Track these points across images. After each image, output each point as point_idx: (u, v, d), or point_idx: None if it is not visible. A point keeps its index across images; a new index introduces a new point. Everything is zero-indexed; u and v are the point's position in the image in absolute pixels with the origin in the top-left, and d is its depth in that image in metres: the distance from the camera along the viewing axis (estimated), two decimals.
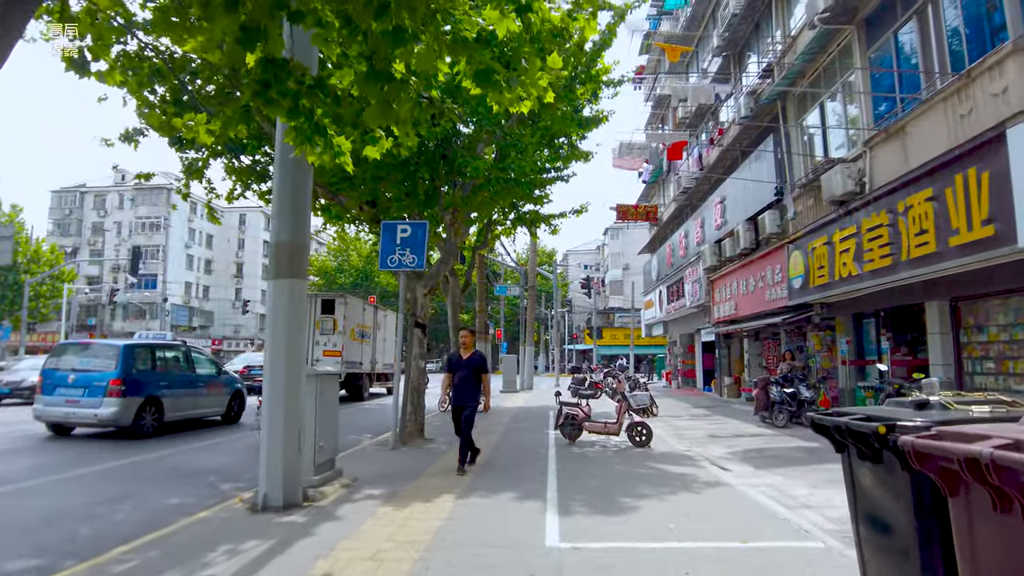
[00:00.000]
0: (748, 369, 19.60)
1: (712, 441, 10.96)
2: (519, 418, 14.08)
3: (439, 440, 10.15)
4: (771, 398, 13.21)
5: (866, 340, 13.53)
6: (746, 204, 16.58)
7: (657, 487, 6.53)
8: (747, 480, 7.35)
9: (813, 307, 14.13)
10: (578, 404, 9.61)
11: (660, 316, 29.60)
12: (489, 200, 11.13)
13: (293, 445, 5.59)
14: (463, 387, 7.35)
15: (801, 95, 14.09)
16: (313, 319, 18.62)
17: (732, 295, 18.34)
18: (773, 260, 15.00)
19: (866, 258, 10.59)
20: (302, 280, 5.78)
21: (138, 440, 10.12)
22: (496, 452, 9.02)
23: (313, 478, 6.13)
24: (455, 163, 10.01)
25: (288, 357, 5.62)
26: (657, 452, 8.93)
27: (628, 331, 46.72)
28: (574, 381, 22.40)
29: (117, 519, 5.61)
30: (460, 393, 7.38)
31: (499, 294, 30.58)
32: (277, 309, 5.70)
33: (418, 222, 9.81)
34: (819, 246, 12.34)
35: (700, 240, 21.21)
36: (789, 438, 11.19)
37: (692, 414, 16.15)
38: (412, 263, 9.55)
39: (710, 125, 21.51)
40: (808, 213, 13.64)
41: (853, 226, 11.04)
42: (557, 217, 18.11)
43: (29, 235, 45.21)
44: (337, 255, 56.98)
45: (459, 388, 7.38)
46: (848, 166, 11.27)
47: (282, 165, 5.84)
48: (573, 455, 8.64)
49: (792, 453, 9.58)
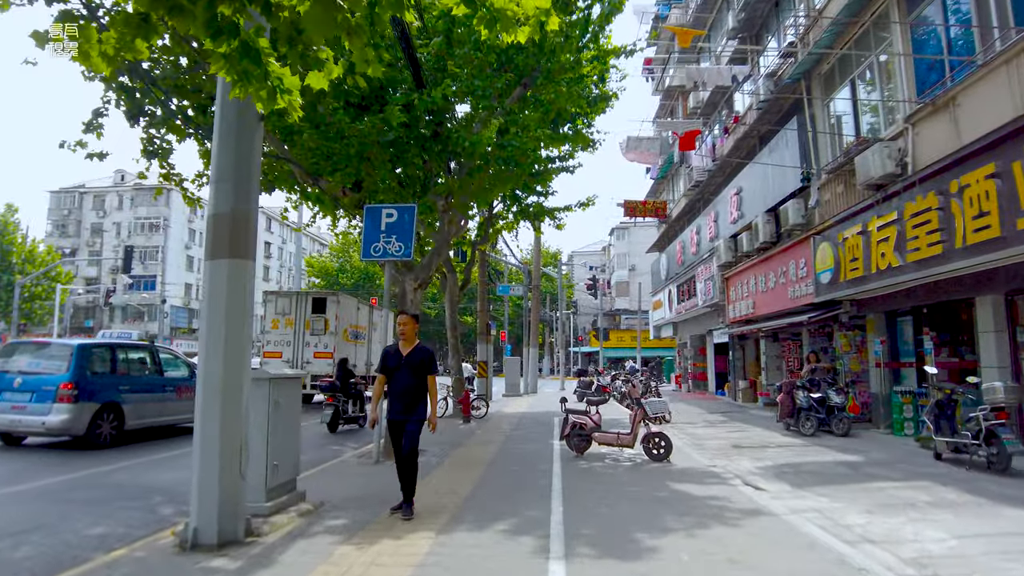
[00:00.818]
0: (766, 372, 18.39)
1: (737, 453, 9.78)
2: (521, 425, 12.94)
3: (430, 452, 9.02)
4: (797, 404, 12.03)
5: (901, 340, 12.33)
6: (765, 194, 15.40)
7: (684, 517, 5.37)
8: (787, 503, 6.18)
9: (842, 304, 12.94)
10: (586, 412, 8.46)
11: (669, 317, 28.39)
12: (488, 186, 10.02)
13: (232, 466, 4.47)
14: (402, 393, 5.37)
15: (828, 73, 12.92)
16: (303, 319, 17.58)
17: (749, 293, 17.15)
18: (797, 254, 13.82)
19: (910, 247, 9.41)
20: (246, 260, 4.66)
21: (93, 451, 9.03)
22: (493, 467, 7.88)
23: (263, 505, 5.01)
24: (449, 141, 8.89)
25: (227, 356, 4.50)
26: (678, 468, 7.76)
27: (635, 333, 45.51)
28: (580, 385, 21.24)
29: (16, 557, 4.49)
30: (397, 402, 5.39)
31: (502, 294, 29.46)
32: (214, 296, 4.58)
33: (405, 205, 8.71)
34: (852, 236, 11.16)
35: (713, 235, 20.03)
36: (822, 449, 10.00)
37: (707, 420, 14.96)
38: (399, 252, 8.45)
39: (723, 114, 20.34)
40: (837, 201, 12.45)
41: (893, 212, 9.87)
42: (562, 211, 17.02)
43: (25, 235, 44.44)
44: (339, 256, 55.95)
45: (396, 394, 5.40)
46: (887, 145, 10.10)
47: (222, 117, 4.73)
48: (580, 471, 7.48)
49: (831, 468, 8.40)
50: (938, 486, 7.18)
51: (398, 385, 5.39)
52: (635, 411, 8.11)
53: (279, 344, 17.52)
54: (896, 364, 12.25)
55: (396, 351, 5.47)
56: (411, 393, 5.37)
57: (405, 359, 5.39)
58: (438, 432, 11.50)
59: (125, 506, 5.99)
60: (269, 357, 17.46)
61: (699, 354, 26.98)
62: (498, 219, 17.62)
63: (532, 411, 17.05)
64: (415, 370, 5.39)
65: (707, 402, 21.19)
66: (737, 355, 21.54)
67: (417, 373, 5.39)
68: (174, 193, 60.12)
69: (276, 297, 18.17)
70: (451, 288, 16.10)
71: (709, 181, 21.48)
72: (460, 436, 11.12)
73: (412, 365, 5.39)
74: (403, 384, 5.38)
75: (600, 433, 8.23)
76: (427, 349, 5.56)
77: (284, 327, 17.60)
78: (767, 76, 15.20)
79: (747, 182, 16.85)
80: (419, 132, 8.99)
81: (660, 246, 31.27)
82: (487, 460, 8.27)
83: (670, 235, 28.87)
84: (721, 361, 24.26)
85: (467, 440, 10.57)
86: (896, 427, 11.46)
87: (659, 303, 30.87)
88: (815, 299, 12.85)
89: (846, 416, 11.62)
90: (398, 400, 5.37)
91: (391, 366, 5.44)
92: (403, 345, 5.48)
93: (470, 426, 12.82)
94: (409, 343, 5.50)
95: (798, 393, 12.09)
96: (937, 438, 8.73)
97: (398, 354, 5.45)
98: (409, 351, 5.44)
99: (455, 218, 10.68)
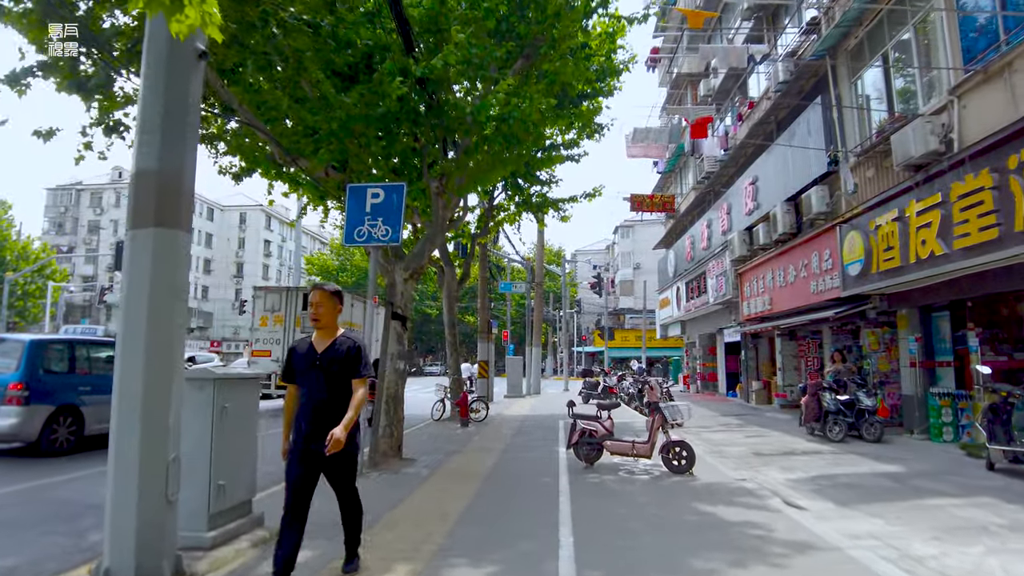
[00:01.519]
0: (782, 373, 17.39)
1: (761, 461, 8.81)
2: (523, 430, 11.97)
3: (420, 462, 8.07)
4: (823, 407, 11.05)
5: (936, 337, 11.33)
6: (785, 182, 14.40)
7: (721, 551, 4.39)
8: (836, 526, 5.21)
9: (870, 299, 11.95)
10: (597, 418, 7.48)
11: (677, 315, 27.38)
12: (487, 167, 9.07)
13: (155, 489, 3.52)
14: (316, 410, 3.58)
15: (856, 48, 11.92)
16: (294, 316, 16.65)
17: (765, 288, 16.15)
18: (820, 245, 12.82)
19: (957, 232, 8.43)
20: (176, 231, 3.72)
21: (47, 460, 8.11)
22: (490, 482, 6.91)
23: (204, 536, 4.06)
24: (445, 113, 7.93)
25: (150, 352, 3.56)
26: (702, 483, 6.77)
27: (640, 332, 44.49)
28: (585, 385, 20.28)
29: None
30: (308, 423, 3.57)
31: (504, 291, 28.46)
32: (134, 275, 3.64)
33: (393, 184, 7.76)
34: (886, 223, 10.18)
35: (726, 228, 19.03)
36: (856, 457, 9.02)
37: (722, 423, 13.98)
38: (385, 236, 7.51)
39: (736, 101, 19.34)
40: (867, 186, 11.46)
41: (937, 194, 8.89)
42: (567, 202, 16.08)
43: (19, 232, 43.68)
44: (338, 254, 55.04)
45: (307, 412, 3.59)
46: (928, 121, 9.11)
47: (149, 52, 3.79)
48: (591, 488, 6.50)
49: (872, 481, 7.42)
50: (1004, 504, 6.21)
51: (310, 397, 3.60)
52: (653, 416, 7.13)
53: (268, 342, 16.61)
54: (931, 363, 11.25)
55: (308, 347, 3.71)
56: (331, 410, 3.56)
57: (321, 357, 3.64)
58: (432, 437, 10.54)
59: (52, 530, 5.06)
60: (258, 356, 16.56)
61: (708, 354, 25.97)
62: (499, 211, 16.68)
63: (535, 413, 16.08)
64: (336, 373, 3.62)
65: (718, 404, 20.20)
66: (750, 354, 20.53)
67: (339, 378, 3.62)
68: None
69: (265, 293, 17.25)
70: (449, 283, 15.15)
71: (721, 172, 20.48)
72: (456, 442, 10.17)
73: (330, 366, 3.62)
74: (317, 395, 3.58)
75: (613, 441, 7.26)
76: (354, 340, 3.75)
77: (273, 324, 16.69)
78: (786, 56, 14.20)
79: (764, 170, 15.85)
80: (411, 105, 8.04)
81: (667, 242, 30.27)
82: (484, 473, 7.30)
83: (678, 230, 27.88)
84: (732, 361, 23.25)
85: (463, 447, 9.62)
86: (933, 432, 10.48)
87: (666, 301, 29.87)
88: (842, 293, 11.86)
89: (877, 420, 10.64)
90: (309, 420, 3.55)
91: (300, 368, 3.68)
92: (319, 337, 3.74)
93: (468, 430, 11.87)
94: (327, 333, 3.73)
95: (824, 395, 11.11)
96: (992, 446, 7.75)
97: (311, 351, 3.68)
98: (327, 345, 3.69)
99: (451, 201, 9.72)
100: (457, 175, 9.12)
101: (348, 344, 3.71)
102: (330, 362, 3.63)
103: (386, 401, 8.09)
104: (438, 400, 14.12)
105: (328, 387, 3.61)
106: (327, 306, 3.74)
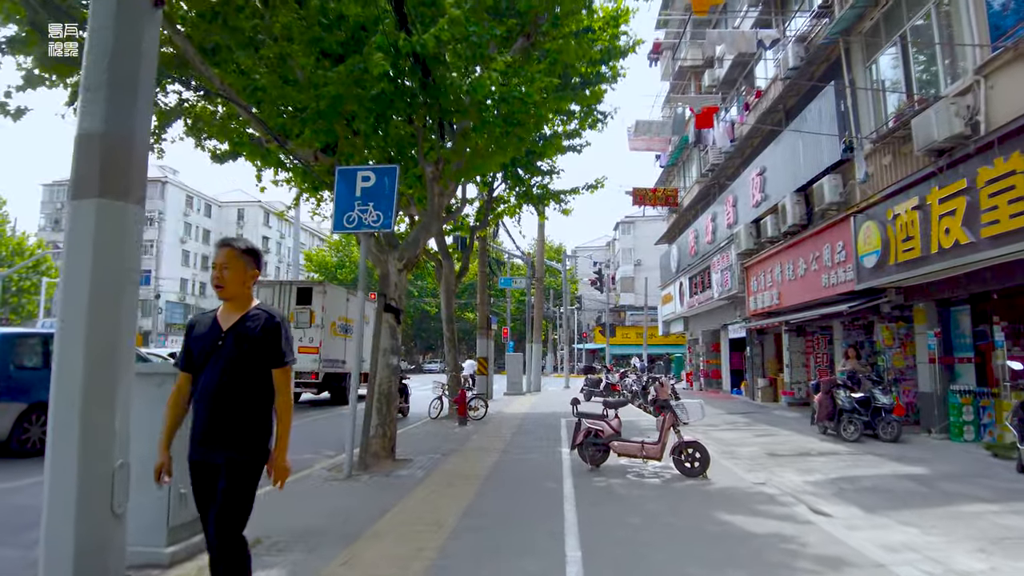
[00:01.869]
0: (790, 369, 16.89)
1: (776, 463, 8.33)
2: (523, 429, 11.48)
3: (415, 464, 7.59)
4: (838, 405, 10.56)
5: (955, 332, 10.84)
6: (795, 172, 13.89)
7: (748, 568, 3.90)
8: (868, 536, 4.74)
9: (885, 292, 11.46)
10: (603, 417, 6.99)
11: (680, 311, 26.88)
12: (485, 151, 8.57)
13: (99, 500, 3.03)
14: (213, 402, 2.71)
15: (871, 30, 11.40)
16: (287, 311, 16.17)
17: (773, 282, 15.65)
18: (833, 236, 12.32)
19: (985, 220, 7.93)
20: (125, 203, 3.22)
21: (18, 460, 7.63)
22: (488, 486, 6.42)
23: (162, 551, 3.58)
24: (440, 92, 7.42)
25: (92, 341, 3.07)
26: (717, 487, 6.28)
27: (641, 329, 43.94)
28: (587, 383, 19.79)
29: None
30: (202, 421, 2.74)
31: (504, 287, 27.97)
32: (74, 252, 3.14)
33: (385, 167, 7.28)
34: (905, 212, 9.67)
35: (732, 221, 18.51)
36: (875, 459, 8.54)
37: (729, 422, 13.51)
38: (376, 222, 7.02)
39: (743, 91, 18.82)
40: (884, 174, 10.95)
41: (962, 180, 8.39)
42: (569, 193, 15.60)
43: (13, 228, 43.16)
44: (337, 250, 54.50)
45: (202, 406, 2.74)
46: (953, 102, 8.60)
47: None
48: (598, 493, 6.00)
49: (897, 484, 6.94)
50: None
51: (207, 388, 2.71)
52: (664, 416, 6.63)
53: None
54: (950, 359, 10.76)
55: (211, 323, 2.81)
56: (231, 403, 2.68)
57: (226, 336, 2.73)
58: (428, 436, 10.03)
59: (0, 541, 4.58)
60: None
61: (712, 350, 25.48)
62: (499, 203, 16.18)
63: (536, 411, 15.60)
64: (244, 357, 2.71)
65: (723, 401, 19.73)
66: (755, 351, 20.05)
67: (248, 364, 2.71)
68: (169, 186, 58.85)
69: (258, 287, 16.69)
70: (447, 276, 14.66)
71: (726, 164, 19.96)
72: (453, 442, 9.68)
73: (239, 345, 2.71)
74: (216, 386, 2.69)
75: (620, 442, 6.76)
76: (271, 314, 2.81)
77: None
78: (796, 41, 13.68)
79: (772, 160, 15.33)
80: (404, 84, 7.54)
81: (670, 237, 29.77)
82: (482, 475, 6.81)
83: (681, 225, 27.37)
84: (737, 357, 22.77)
85: (461, 447, 9.14)
86: (953, 432, 10.00)
87: (669, 297, 29.37)
88: (856, 286, 11.36)
89: (894, 419, 10.16)
90: (204, 418, 2.71)
91: (198, 349, 2.77)
92: (226, 310, 2.82)
93: (466, 429, 11.39)
94: (237, 304, 2.82)
95: (839, 393, 10.63)
96: (1023, 447, 7.28)
97: (214, 328, 2.78)
98: (235, 320, 2.77)
99: (448, 186, 9.23)
100: (455, 160, 8.63)
101: (264, 319, 2.76)
102: (238, 341, 2.70)
103: (378, 398, 7.60)
104: (435, 398, 13.65)
105: (232, 375, 2.68)
106: (235, 269, 2.79)
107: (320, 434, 11.10)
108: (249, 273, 2.86)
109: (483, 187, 15.41)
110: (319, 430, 11.85)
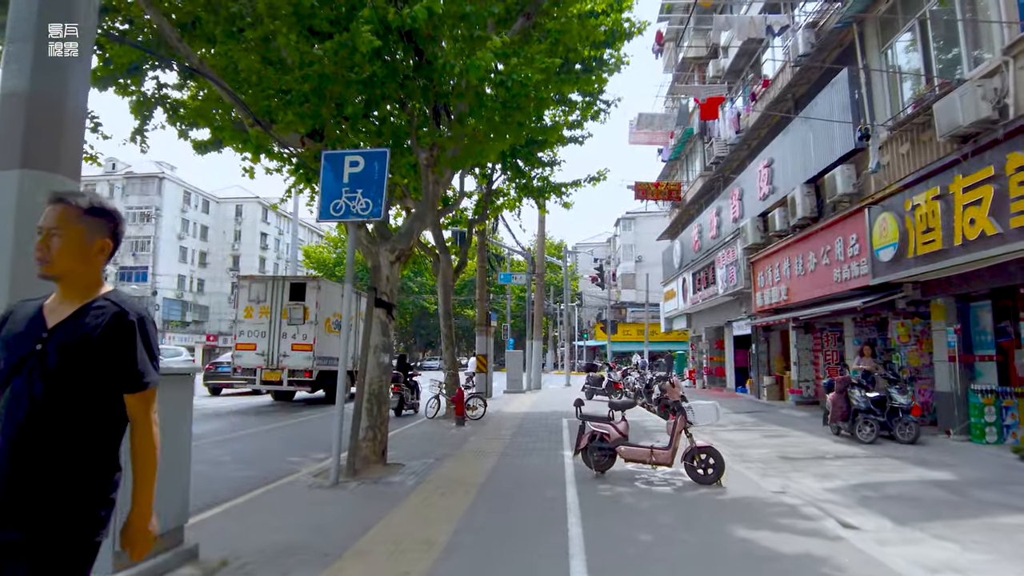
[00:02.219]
0: (797, 367, 16.42)
1: (791, 467, 7.86)
2: (523, 430, 11.01)
3: (407, 469, 7.11)
4: (852, 405, 10.10)
5: (975, 329, 10.36)
6: (805, 162, 13.40)
7: None
8: (904, 553, 4.27)
9: (901, 287, 10.97)
10: (609, 419, 6.51)
11: (683, 307, 26.39)
12: (483, 137, 8.09)
13: None
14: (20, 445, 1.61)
15: (887, 13, 10.90)
16: (280, 307, 15.71)
17: (782, 278, 15.17)
18: (846, 229, 11.83)
19: (1014, 209, 7.45)
20: (56, 176, 2.74)
21: None
22: (485, 495, 5.95)
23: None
24: (434, 72, 6.92)
25: None
26: (733, 496, 5.80)
27: (642, 326, 43.48)
28: (589, 381, 19.30)
29: None
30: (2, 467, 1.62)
31: (503, 282, 27.48)
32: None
33: (374, 151, 6.80)
34: (926, 202, 9.19)
35: (738, 215, 18.02)
36: (895, 462, 8.08)
37: (736, 422, 13.02)
38: (365, 210, 6.54)
39: (749, 80, 18.31)
40: (901, 163, 10.46)
41: (989, 167, 7.91)
42: (570, 186, 15.10)
43: None
44: (335, 246, 54.01)
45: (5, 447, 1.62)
46: (979, 85, 8.11)
47: None
48: (605, 504, 5.51)
49: (924, 491, 6.47)
50: None
51: (9, 417, 1.64)
52: (675, 419, 6.15)
53: (253, 335, 15.66)
54: (970, 358, 10.28)
55: (33, 314, 1.75)
56: (43, 447, 1.63)
57: (52, 336, 1.69)
58: (423, 438, 9.56)
59: None
60: (242, 350, 15.63)
61: (716, 347, 25.01)
62: (498, 195, 15.70)
63: (536, 411, 15.13)
64: (75, 372, 1.68)
65: (728, 400, 19.25)
66: (761, 348, 19.58)
67: (76, 381, 1.68)
68: (167, 182, 58.37)
69: (250, 283, 16.28)
70: (444, 271, 14.17)
71: (731, 156, 19.46)
72: (450, 444, 9.21)
73: (67, 356, 1.67)
74: (20, 414, 1.63)
75: (628, 447, 6.28)
76: (124, 309, 1.74)
77: (259, 316, 15.74)
78: (807, 27, 13.18)
79: (780, 151, 14.84)
80: (396, 64, 7.05)
81: (673, 232, 29.28)
82: (479, 482, 6.33)
83: (684, 220, 26.88)
84: (741, 355, 22.30)
85: (457, 449, 8.67)
86: (974, 433, 9.53)
87: (671, 293, 28.88)
88: (871, 281, 10.88)
89: (912, 420, 9.69)
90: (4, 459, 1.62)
91: (9, 354, 1.71)
92: (57, 299, 1.78)
93: (464, 430, 10.92)
94: (74, 291, 1.77)
95: (853, 392, 10.16)
96: None
97: (34, 323, 1.73)
98: (68, 314, 1.73)
99: (444, 174, 8.74)
100: (450, 147, 8.14)
101: (110, 314, 1.73)
102: (65, 349, 1.68)
103: (368, 399, 7.12)
104: (433, 396, 13.18)
105: (51, 402, 1.65)
106: (69, 236, 1.74)
107: (311, 435, 10.64)
108: (96, 244, 1.79)
109: (482, 179, 14.93)
110: (310, 431, 11.39)
